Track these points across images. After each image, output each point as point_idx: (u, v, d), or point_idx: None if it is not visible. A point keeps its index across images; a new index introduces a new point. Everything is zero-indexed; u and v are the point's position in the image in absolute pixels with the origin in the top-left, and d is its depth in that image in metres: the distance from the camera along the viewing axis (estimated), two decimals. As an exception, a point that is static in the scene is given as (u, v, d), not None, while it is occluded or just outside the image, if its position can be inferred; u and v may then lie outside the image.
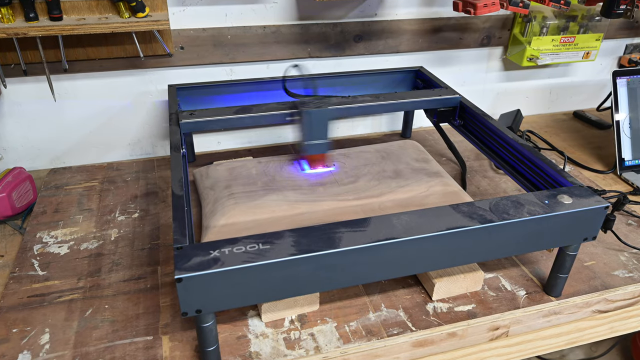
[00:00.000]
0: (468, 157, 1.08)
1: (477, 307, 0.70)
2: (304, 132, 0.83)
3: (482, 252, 0.63)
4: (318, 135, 0.83)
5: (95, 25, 0.82)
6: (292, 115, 0.85)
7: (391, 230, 0.58)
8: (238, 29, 0.99)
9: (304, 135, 0.83)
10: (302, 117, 0.81)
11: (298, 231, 0.58)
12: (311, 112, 0.80)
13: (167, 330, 0.66)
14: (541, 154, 0.75)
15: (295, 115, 0.84)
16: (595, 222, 0.65)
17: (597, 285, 0.75)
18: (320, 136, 0.83)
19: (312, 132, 0.83)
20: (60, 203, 0.91)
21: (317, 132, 0.83)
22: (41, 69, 0.93)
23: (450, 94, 0.94)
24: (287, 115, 0.85)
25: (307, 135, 0.83)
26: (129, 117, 1.03)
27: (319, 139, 0.83)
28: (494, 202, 0.64)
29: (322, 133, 0.83)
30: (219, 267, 0.52)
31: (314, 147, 0.84)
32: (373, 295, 0.72)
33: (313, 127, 0.82)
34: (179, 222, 0.59)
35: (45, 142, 1.02)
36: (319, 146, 0.84)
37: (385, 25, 1.08)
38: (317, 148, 0.84)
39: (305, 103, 0.82)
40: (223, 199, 0.80)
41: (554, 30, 1.15)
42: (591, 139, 1.21)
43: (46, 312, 0.68)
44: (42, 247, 0.80)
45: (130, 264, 0.77)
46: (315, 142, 0.83)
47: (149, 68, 0.99)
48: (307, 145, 0.84)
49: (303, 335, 0.66)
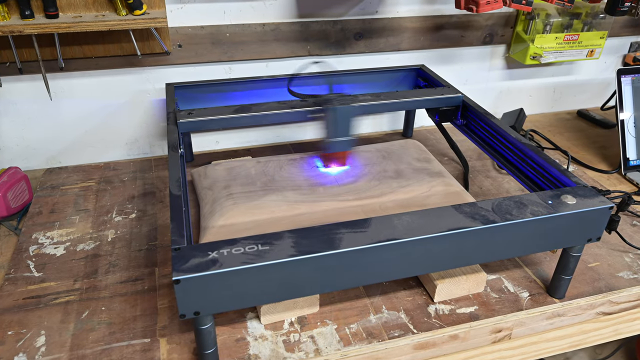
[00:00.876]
0: (470, 156, 1.08)
1: (480, 309, 0.70)
2: (329, 129, 0.84)
3: (485, 253, 0.63)
4: (343, 132, 0.84)
5: (91, 23, 0.82)
6: (314, 113, 0.86)
7: (392, 231, 0.58)
8: (237, 26, 0.99)
9: (329, 133, 0.84)
10: (327, 114, 0.82)
11: (298, 232, 0.58)
12: (337, 109, 0.81)
13: (165, 333, 0.66)
14: (544, 153, 0.75)
15: (319, 113, 0.85)
16: (600, 222, 0.65)
17: (602, 287, 0.75)
18: (345, 133, 0.84)
19: (337, 129, 0.83)
20: (56, 203, 0.91)
21: (342, 129, 0.84)
22: (37, 67, 0.93)
23: (452, 93, 0.94)
24: (309, 112, 0.86)
25: (332, 133, 0.84)
26: (126, 116, 1.03)
27: (344, 136, 0.84)
28: (497, 203, 0.64)
29: (346, 130, 0.84)
30: (217, 268, 0.52)
31: (339, 145, 0.85)
32: (374, 297, 0.72)
33: (338, 124, 0.83)
34: (177, 223, 0.59)
35: (41, 142, 1.02)
36: (343, 143, 0.85)
37: (386, 23, 1.08)
38: (341, 145, 0.85)
39: (329, 100, 0.83)
40: (222, 199, 0.80)
41: (558, 28, 1.15)
42: (595, 138, 1.21)
43: (42, 314, 0.68)
44: (37, 248, 0.80)
45: (128, 265, 0.77)
46: (340, 140, 0.84)
47: (147, 66, 0.99)
48: (331, 143, 0.84)
49: (303, 337, 0.66)
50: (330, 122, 0.82)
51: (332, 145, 0.85)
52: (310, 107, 0.86)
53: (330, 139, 0.84)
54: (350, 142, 0.85)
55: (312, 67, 0.95)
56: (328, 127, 0.83)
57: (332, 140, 0.84)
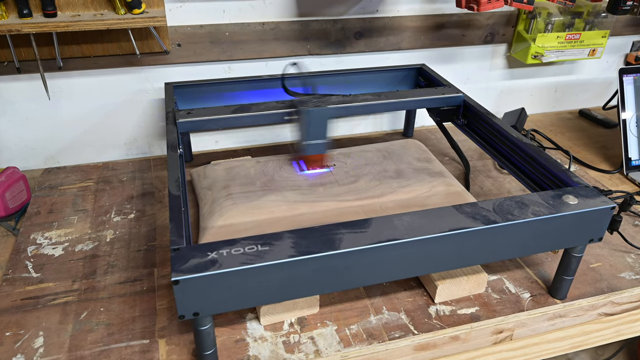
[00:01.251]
0: (471, 156, 1.08)
1: (481, 310, 0.70)
2: (302, 131, 0.83)
3: (486, 253, 0.63)
4: (317, 134, 0.83)
5: (90, 22, 0.82)
6: (290, 114, 0.85)
7: (393, 232, 0.58)
8: (236, 25, 0.99)
9: (303, 135, 0.83)
10: (301, 116, 0.81)
11: (297, 232, 0.58)
12: (310, 111, 0.80)
13: (164, 334, 0.66)
14: (546, 153, 0.75)
15: (294, 114, 0.84)
16: (602, 223, 0.65)
17: (603, 288, 0.75)
18: (320, 136, 0.83)
19: (310, 132, 0.83)
20: (55, 203, 0.91)
21: (316, 132, 0.83)
22: (35, 66, 0.93)
23: (453, 93, 0.94)
24: (286, 114, 0.85)
25: (305, 135, 0.83)
26: (124, 116, 1.03)
27: (318, 138, 0.83)
28: (498, 203, 0.64)
29: (321, 133, 0.83)
30: (216, 269, 0.52)
31: (313, 147, 0.84)
32: (374, 298, 0.72)
33: (312, 126, 0.82)
34: (176, 223, 0.59)
35: (39, 142, 1.02)
36: (317, 146, 0.84)
37: (386, 22, 1.08)
38: (315, 148, 0.84)
39: (304, 102, 0.82)
40: (221, 199, 0.80)
41: (559, 27, 1.15)
42: (597, 138, 1.21)
43: (40, 315, 0.68)
44: (36, 249, 0.80)
45: (126, 266, 0.77)
46: (314, 142, 0.83)
47: (145, 65, 0.99)
48: (305, 145, 0.84)
49: (303, 338, 0.66)
50: (304, 124, 0.82)
51: (306, 148, 0.84)
52: (285, 109, 0.85)
53: (304, 142, 0.84)
54: (325, 144, 0.85)
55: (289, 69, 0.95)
56: (302, 129, 0.83)
57: (307, 142, 0.83)
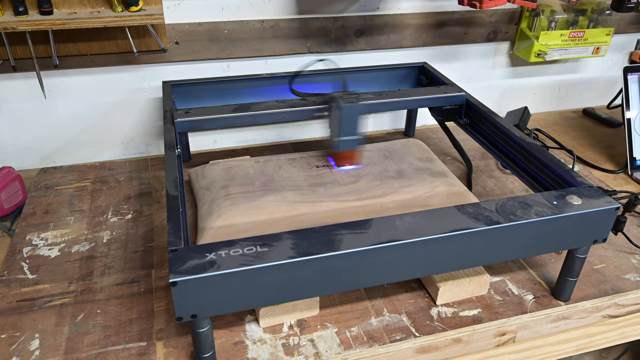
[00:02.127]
0: (473, 156, 1.08)
1: (483, 312, 0.70)
2: (335, 128, 0.84)
3: (488, 254, 0.63)
4: (349, 131, 0.85)
5: (86, 20, 0.82)
6: (321, 111, 0.86)
7: (394, 232, 0.58)
8: (235, 23, 0.99)
9: (336, 131, 0.84)
10: (334, 113, 0.82)
11: (297, 233, 0.58)
12: (344, 108, 0.81)
13: (162, 336, 0.66)
14: (549, 153, 0.75)
15: (325, 111, 0.86)
16: (606, 223, 0.65)
17: (608, 289, 0.75)
18: (352, 132, 0.85)
19: (344, 128, 0.84)
20: (51, 204, 0.91)
21: (349, 128, 0.84)
22: (31, 64, 0.93)
23: (456, 92, 0.94)
24: (316, 110, 0.86)
25: (339, 131, 0.84)
26: (121, 115, 1.04)
27: (350, 135, 0.85)
28: (501, 203, 0.64)
29: (353, 129, 0.85)
30: (215, 270, 0.52)
31: (346, 144, 0.86)
32: (375, 300, 0.72)
33: (345, 122, 0.83)
34: (174, 224, 0.59)
35: (35, 141, 1.02)
36: (350, 142, 0.86)
37: (387, 20, 1.08)
38: (348, 144, 0.86)
39: (337, 98, 0.83)
40: (219, 199, 0.80)
41: (563, 25, 1.15)
42: (601, 137, 1.21)
43: (36, 317, 0.68)
44: (31, 250, 0.80)
45: (123, 267, 0.77)
46: (347, 139, 0.85)
47: (143, 64, 0.99)
48: (338, 142, 0.85)
49: (302, 341, 0.66)
50: (336, 121, 0.83)
51: (339, 144, 0.85)
52: (315, 105, 0.86)
53: (337, 138, 0.85)
54: (357, 140, 0.86)
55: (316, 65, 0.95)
56: (334, 126, 0.83)
57: (339, 139, 0.84)
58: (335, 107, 0.82)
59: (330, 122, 0.85)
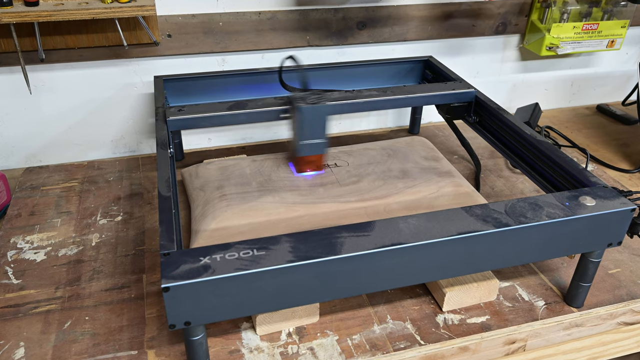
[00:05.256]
0: (482, 155, 1.09)
1: (492, 319, 0.70)
2: (298, 130, 0.82)
3: (497, 258, 0.63)
4: (314, 134, 0.82)
5: (74, 11, 0.82)
6: (286, 112, 0.84)
7: (398, 235, 0.58)
8: (231, 15, 0.99)
9: (299, 134, 0.82)
10: (297, 114, 0.80)
11: (296, 236, 0.58)
12: (304, 109, 0.79)
13: (153, 344, 0.66)
14: (561, 151, 0.75)
15: (289, 112, 0.83)
16: (621, 226, 0.65)
17: (623, 295, 0.75)
18: (317, 135, 0.82)
19: (307, 131, 0.82)
20: (37, 205, 0.91)
21: (313, 131, 0.82)
22: (15, 58, 0.93)
23: (464, 88, 0.94)
24: (281, 111, 0.84)
25: (302, 134, 0.82)
26: (111, 112, 1.04)
27: (315, 138, 0.82)
28: (510, 204, 0.64)
29: (318, 132, 0.82)
30: (209, 275, 0.52)
31: (310, 147, 0.83)
32: (378, 306, 0.72)
33: (308, 125, 0.81)
34: (166, 226, 0.59)
35: (19, 139, 1.02)
36: (314, 146, 0.83)
37: (391, 11, 1.08)
38: (312, 148, 0.84)
39: (301, 98, 0.81)
40: (214, 200, 0.80)
41: (576, 17, 1.15)
42: (616, 135, 1.21)
43: (21, 324, 0.68)
44: (16, 254, 0.80)
45: (113, 272, 0.77)
46: (311, 142, 0.82)
47: (134, 58, 0.99)
48: (302, 145, 0.83)
49: (301, 349, 0.66)
50: (298, 123, 0.81)
51: (301, 148, 0.83)
52: (280, 106, 0.84)
53: (300, 142, 0.82)
54: (322, 144, 0.84)
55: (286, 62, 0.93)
56: (297, 129, 0.82)
57: (301, 142, 0.82)
58: (297, 108, 0.79)
59: (292, 125, 0.83)
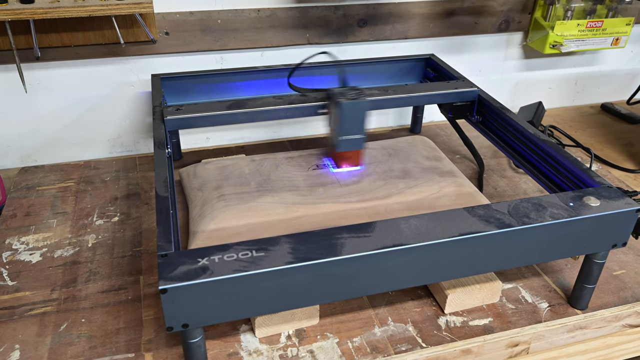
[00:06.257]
0: (484, 154, 1.09)
1: (495, 321, 0.70)
2: (337, 126, 0.83)
3: (500, 260, 0.63)
4: (353, 129, 0.83)
5: (70, 9, 0.82)
6: (324, 107, 0.86)
7: (399, 236, 0.58)
8: (229, 12, 0.99)
9: (338, 130, 0.83)
10: (336, 109, 0.81)
11: (295, 237, 0.58)
12: (345, 104, 0.80)
13: (151, 347, 0.66)
14: (565, 151, 0.75)
15: (327, 107, 0.85)
16: (626, 226, 0.65)
17: (628, 297, 0.75)
18: (356, 131, 0.84)
19: (346, 126, 0.83)
20: (32, 205, 0.91)
21: (352, 126, 0.83)
22: (10, 56, 0.93)
23: (467, 87, 0.94)
24: (319, 107, 0.86)
25: (340, 130, 0.83)
26: (108, 111, 1.04)
27: (354, 134, 0.84)
28: (513, 205, 0.64)
29: (357, 127, 0.83)
30: (207, 276, 0.52)
31: (349, 143, 0.85)
32: (379, 308, 0.72)
33: (347, 120, 0.82)
34: (164, 227, 0.59)
35: (15, 138, 1.02)
36: (353, 142, 0.85)
37: (392, 8, 1.08)
38: (351, 144, 0.85)
39: (340, 93, 0.82)
40: (212, 201, 0.80)
41: (580, 14, 1.15)
42: (621, 134, 1.21)
43: (16, 326, 0.68)
44: (11, 255, 0.80)
45: (110, 273, 0.77)
46: (349, 137, 0.84)
47: (131, 56, 0.99)
48: (341, 141, 0.84)
49: (301, 352, 0.66)
50: (337, 119, 0.82)
51: (340, 144, 0.84)
52: (316, 102, 0.86)
53: (339, 137, 0.84)
54: (360, 140, 0.85)
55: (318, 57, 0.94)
56: (336, 124, 0.83)
57: (340, 138, 0.84)
58: (336, 103, 0.81)
59: (331, 120, 0.85)
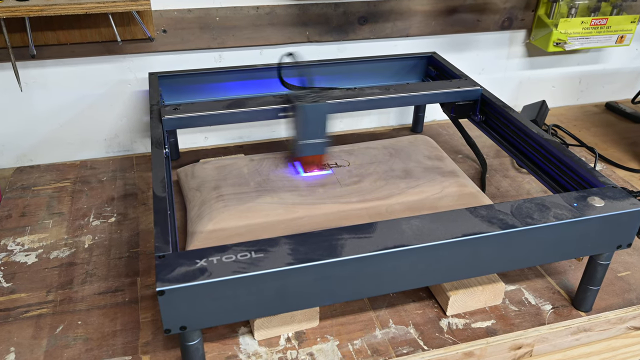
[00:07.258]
0: (487, 154, 1.08)
1: (497, 324, 0.70)
2: (298, 129, 0.82)
3: (503, 261, 0.63)
4: (314, 133, 0.82)
5: (66, 6, 0.82)
6: (285, 111, 0.84)
7: (400, 237, 0.58)
8: (228, 9, 0.99)
9: (298, 134, 0.82)
10: (296, 113, 0.80)
11: (295, 238, 0.58)
12: (306, 107, 0.79)
13: (148, 350, 0.66)
14: (569, 150, 0.75)
15: (289, 111, 0.83)
16: (631, 227, 0.65)
17: (633, 299, 0.75)
18: (317, 135, 0.82)
19: (307, 130, 0.82)
20: (28, 206, 0.91)
21: (313, 130, 0.82)
22: (6, 55, 0.93)
23: (470, 86, 0.94)
24: (280, 110, 0.84)
25: (301, 134, 0.82)
26: (104, 110, 1.04)
27: (315, 138, 0.82)
28: (517, 205, 0.64)
29: (318, 131, 0.82)
30: (206, 278, 0.52)
31: (309, 147, 0.83)
32: (380, 310, 0.72)
33: (308, 124, 0.81)
34: (161, 228, 0.59)
35: (10, 137, 1.02)
36: (314, 146, 0.83)
37: (393, 6, 1.08)
38: (312, 148, 0.84)
39: (301, 96, 0.81)
40: (211, 201, 0.80)
41: (584, 11, 1.15)
42: (626, 133, 1.21)
43: (11, 329, 0.68)
44: (6, 256, 0.80)
45: (106, 275, 0.77)
46: (311, 142, 0.82)
47: (128, 54, 0.99)
48: (301, 145, 0.83)
49: (301, 354, 0.66)
50: (299, 122, 0.81)
51: (301, 149, 0.83)
52: (279, 104, 0.84)
53: (299, 142, 0.82)
54: (322, 144, 0.84)
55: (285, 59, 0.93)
56: (297, 128, 0.82)
57: (302, 142, 0.82)
58: (298, 106, 0.79)
59: (293, 124, 0.83)
